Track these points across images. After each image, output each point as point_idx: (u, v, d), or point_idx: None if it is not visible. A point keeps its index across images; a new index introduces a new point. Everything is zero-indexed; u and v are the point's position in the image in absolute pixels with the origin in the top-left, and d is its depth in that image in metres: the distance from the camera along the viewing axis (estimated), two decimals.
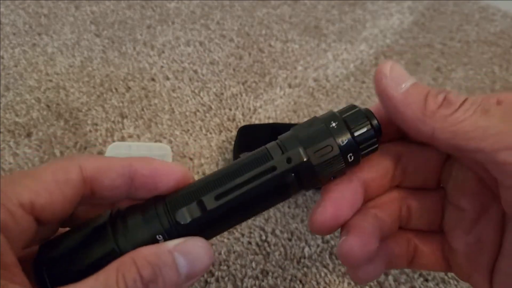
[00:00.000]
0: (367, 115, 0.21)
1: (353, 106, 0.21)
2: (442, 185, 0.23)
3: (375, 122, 0.21)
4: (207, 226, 0.19)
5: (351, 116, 0.21)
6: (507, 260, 0.20)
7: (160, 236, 0.19)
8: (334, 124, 0.20)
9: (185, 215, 0.19)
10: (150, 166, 0.20)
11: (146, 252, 0.18)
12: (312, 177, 0.20)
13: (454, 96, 0.19)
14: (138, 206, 0.20)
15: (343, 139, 0.20)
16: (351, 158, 0.20)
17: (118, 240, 0.18)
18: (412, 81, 0.20)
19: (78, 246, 0.19)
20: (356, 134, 0.20)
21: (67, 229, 0.21)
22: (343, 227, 0.22)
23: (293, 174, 0.20)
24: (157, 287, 0.17)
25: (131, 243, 0.18)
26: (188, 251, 0.18)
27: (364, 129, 0.20)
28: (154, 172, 0.20)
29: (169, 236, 0.19)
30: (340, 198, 0.21)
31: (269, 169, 0.19)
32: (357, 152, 0.20)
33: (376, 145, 0.21)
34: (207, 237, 0.20)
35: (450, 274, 0.36)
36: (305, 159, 0.20)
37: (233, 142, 0.45)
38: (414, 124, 0.19)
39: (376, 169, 0.23)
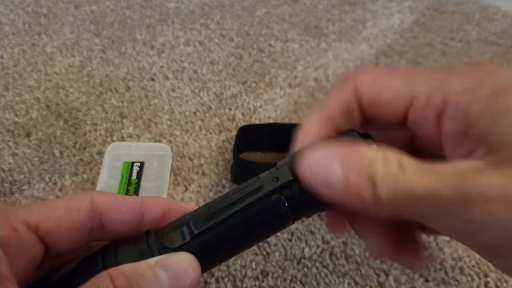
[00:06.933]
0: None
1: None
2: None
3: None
4: (199, 252, 0.19)
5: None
6: None
7: None
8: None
9: (173, 239, 0.19)
10: (161, 203, 0.21)
11: (124, 266, 0.18)
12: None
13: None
14: (131, 238, 0.20)
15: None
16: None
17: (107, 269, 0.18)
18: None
19: (70, 278, 0.19)
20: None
21: None
22: None
23: (283, 197, 0.19)
24: None
25: None
26: (169, 265, 0.18)
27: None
28: (165, 209, 0.21)
29: None
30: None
31: (256, 189, 0.19)
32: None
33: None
34: (205, 265, 0.19)
35: (450, 274, 0.35)
36: (292, 178, 0.19)
37: (233, 142, 0.45)
38: None
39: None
